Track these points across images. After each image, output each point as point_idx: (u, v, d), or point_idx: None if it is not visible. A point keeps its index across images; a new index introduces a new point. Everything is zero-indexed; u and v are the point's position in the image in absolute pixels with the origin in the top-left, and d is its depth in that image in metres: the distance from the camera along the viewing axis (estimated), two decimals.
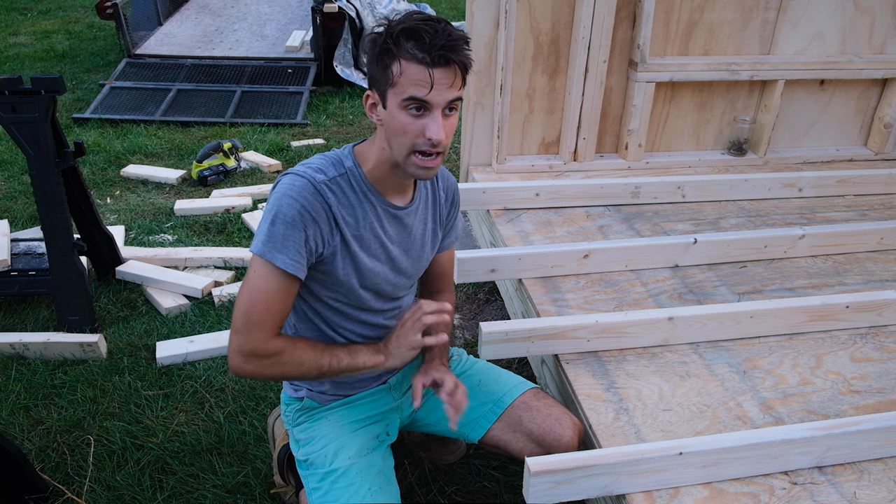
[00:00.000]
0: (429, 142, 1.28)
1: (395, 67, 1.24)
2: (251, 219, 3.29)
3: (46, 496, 1.82)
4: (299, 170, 1.35)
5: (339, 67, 5.20)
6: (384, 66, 1.26)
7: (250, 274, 1.33)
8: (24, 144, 2.32)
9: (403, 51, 1.23)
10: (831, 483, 1.39)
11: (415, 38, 1.22)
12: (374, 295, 1.48)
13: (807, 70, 2.76)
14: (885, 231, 2.26)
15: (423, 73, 1.23)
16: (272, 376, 1.39)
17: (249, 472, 1.92)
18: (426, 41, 1.21)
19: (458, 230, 1.68)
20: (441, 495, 1.88)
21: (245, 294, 1.32)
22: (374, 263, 1.44)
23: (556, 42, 2.57)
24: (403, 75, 1.24)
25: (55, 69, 5.72)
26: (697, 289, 2.05)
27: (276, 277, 1.31)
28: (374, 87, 1.32)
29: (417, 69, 1.23)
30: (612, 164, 2.80)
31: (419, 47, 1.22)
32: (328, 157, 1.41)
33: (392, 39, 1.24)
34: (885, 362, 1.76)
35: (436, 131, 1.26)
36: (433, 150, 1.29)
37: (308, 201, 1.31)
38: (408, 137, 1.28)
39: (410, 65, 1.23)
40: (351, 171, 1.39)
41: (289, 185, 1.33)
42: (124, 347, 2.41)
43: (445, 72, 1.24)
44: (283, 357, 1.36)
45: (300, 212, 1.30)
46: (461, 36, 1.26)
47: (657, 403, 1.59)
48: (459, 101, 1.30)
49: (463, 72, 1.27)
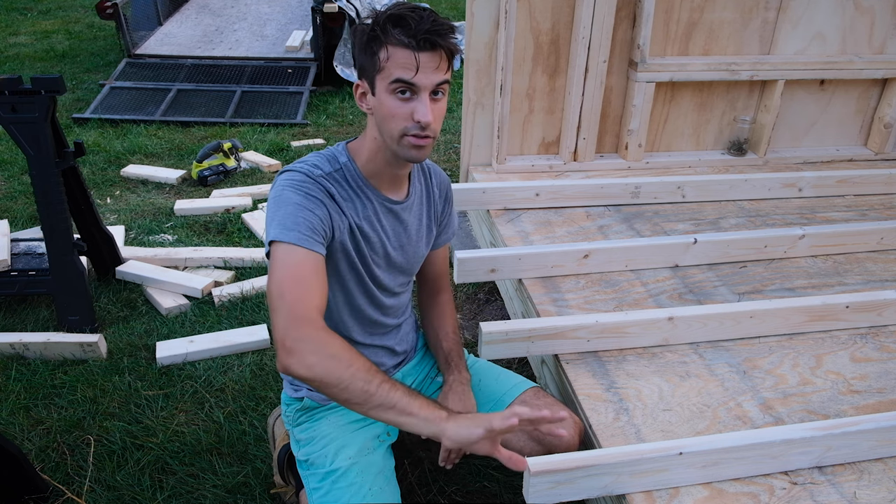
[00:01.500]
0: (418, 125, 1.30)
1: (383, 53, 1.28)
2: (251, 219, 3.29)
3: (46, 496, 1.82)
4: (296, 166, 1.38)
5: (339, 67, 5.20)
6: (372, 53, 1.30)
7: (273, 263, 1.27)
8: (24, 144, 2.32)
9: (390, 37, 1.27)
10: (831, 483, 1.39)
11: (401, 25, 1.26)
12: (377, 289, 1.51)
13: (807, 70, 2.76)
14: (885, 231, 2.26)
15: (409, 56, 1.26)
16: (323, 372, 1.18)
17: (249, 472, 1.92)
18: (412, 26, 1.25)
19: (454, 227, 1.71)
20: (441, 495, 1.88)
21: (274, 278, 1.24)
22: (376, 257, 1.47)
23: (556, 42, 2.57)
24: (390, 60, 1.27)
25: (55, 69, 5.72)
26: (697, 289, 2.05)
27: (299, 255, 1.26)
28: (363, 77, 1.36)
29: (404, 53, 1.26)
30: (612, 164, 2.80)
31: (405, 32, 1.26)
32: (322, 154, 1.43)
33: (379, 27, 1.27)
34: (885, 362, 1.76)
35: (424, 113, 1.29)
36: (422, 132, 1.31)
37: (311, 188, 1.34)
38: (397, 121, 1.31)
39: (397, 49, 1.27)
40: (346, 166, 1.41)
41: (288, 178, 1.36)
42: (124, 347, 2.41)
43: (431, 55, 1.27)
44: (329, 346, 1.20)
45: (306, 196, 1.33)
46: (446, 22, 1.29)
47: (657, 403, 1.59)
48: (447, 84, 1.32)
49: (449, 56, 1.30)
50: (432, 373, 1.72)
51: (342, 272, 1.45)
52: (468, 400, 1.56)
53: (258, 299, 2.69)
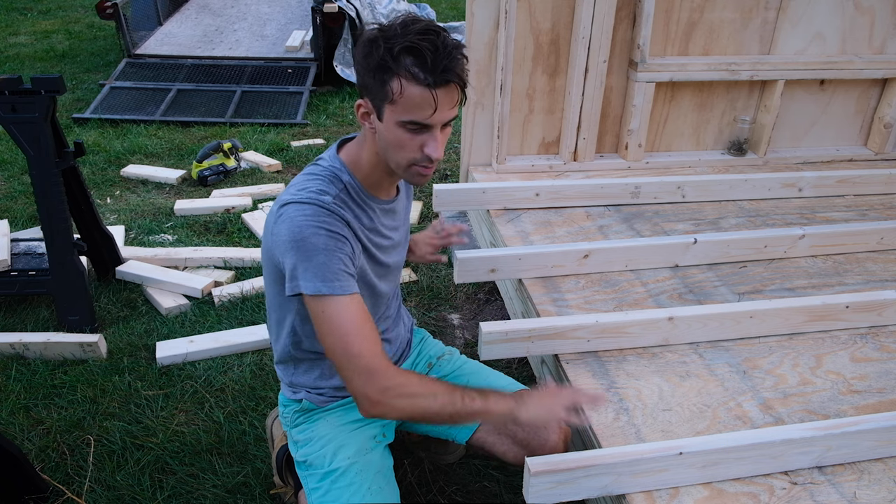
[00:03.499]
0: (426, 157, 1.28)
1: (395, 85, 1.22)
2: (251, 219, 3.29)
3: (46, 496, 1.82)
4: (302, 196, 1.30)
5: (339, 67, 5.20)
6: (381, 81, 1.23)
7: (323, 318, 1.26)
8: (24, 144, 2.32)
9: (403, 69, 1.20)
10: (831, 483, 1.39)
11: (414, 55, 1.19)
12: (387, 283, 1.53)
13: (807, 70, 2.76)
14: (885, 231, 2.26)
15: (427, 95, 1.21)
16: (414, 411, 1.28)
17: (249, 472, 1.92)
18: (427, 60, 1.19)
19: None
20: (441, 495, 1.88)
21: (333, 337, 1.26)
22: (388, 257, 1.49)
23: (556, 42, 2.57)
24: (405, 96, 1.22)
25: (55, 69, 5.72)
26: (697, 289, 2.05)
27: (346, 303, 1.26)
28: (367, 96, 1.29)
29: (420, 91, 1.20)
30: (612, 164, 2.80)
31: (422, 68, 1.19)
32: (320, 175, 1.37)
33: (391, 56, 1.20)
34: (885, 362, 1.76)
35: (434, 149, 1.27)
36: (430, 163, 1.30)
37: (329, 223, 1.28)
38: (406, 153, 1.28)
39: (411, 85, 1.21)
40: (349, 184, 1.38)
41: (300, 214, 1.28)
42: (124, 347, 2.41)
43: (447, 91, 1.23)
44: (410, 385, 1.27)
45: (330, 236, 1.27)
46: (457, 46, 1.23)
47: (657, 403, 1.59)
48: (456, 115, 1.30)
49: (462, 87, 1.26)
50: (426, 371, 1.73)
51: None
52: None
53: (258, 299, 2.69)
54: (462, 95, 1.27)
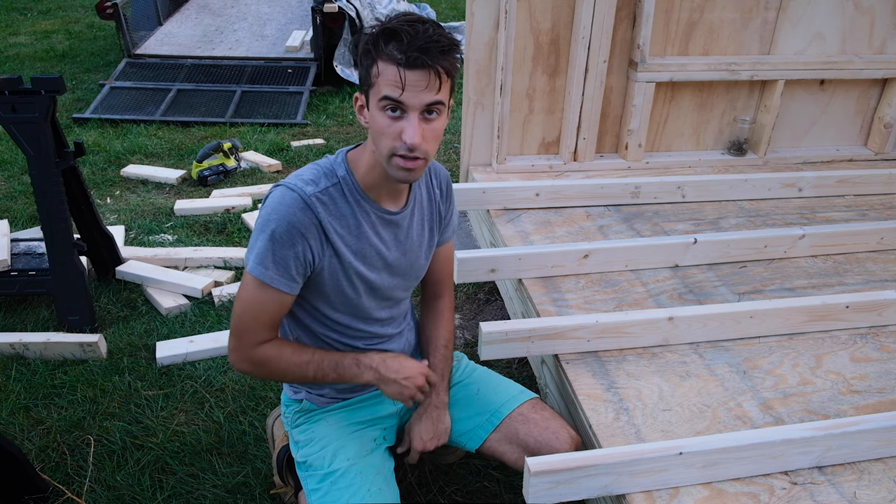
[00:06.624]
0: (405, 145, 1.26)
1: (374, 69, 1.25)
2: (251, 219, 3.29)
3: (46, 496, 1.82)
4: (290, 182, 1.35)
5: (339, 67, 5.20)
6: (366, 67, 1.27)
7: (243, 286, 1.38)
8: (24, 144, 2.32)
9: (382, 52, 1.23)
10: (831, 483, 1.39)
11: (395, 39, 1.22)
12: (378, 302, 1.49)
13: (807, 70, 2.76)
14: (885, 231, 2.26)
15: (397, 71, 1.22)
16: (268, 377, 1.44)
17: (249, 472, 1.92)
18: (404, 42, 1.21)
19: (454, 224, 1.66)
20: (441, 495, 1.88)
21: (238, 304, 1.38)
22: (375, 274, 1.45)
23: (556, 42, 2.57)
24: (381, 76, 1.24)
25: (55, 69, 5.72)
26: (697, 289, 2.05)
27: (266, 294, 1.35)
28: (361, 90, 1.33)
29: (392, 69, 1.22)
30: (612, 164, 2.80)
31: (397, 48, 1.22)
32: (321, 166, 1.40)
33: (373, 41, 1.24)
34: (885, 362, 1.76)
35: (410, 135, 1.25)
36: (410, 154, 1.27)
37: (297, 217, 1.32)
38: (386, 140, 1.28)
39: (387, 66, 1.23)
40: (344, 179, 1.38)
41: (279, 200, 1.33)
42: (124, 347, 2.41)
43: (420, 74, 1.22)
44: (269, 366, 1.42)
45: (289, 230, 1.31)
46: (445, 38, 1.23)
47: (657, 403, 1.59)
48: (441, 105, 1.27)
49: (442, 75, 1.24)
50: None
51: (327, 293, 1.43)
52: (441, 424, 1.56)
53: None
54: (446, 84, 1.26)
